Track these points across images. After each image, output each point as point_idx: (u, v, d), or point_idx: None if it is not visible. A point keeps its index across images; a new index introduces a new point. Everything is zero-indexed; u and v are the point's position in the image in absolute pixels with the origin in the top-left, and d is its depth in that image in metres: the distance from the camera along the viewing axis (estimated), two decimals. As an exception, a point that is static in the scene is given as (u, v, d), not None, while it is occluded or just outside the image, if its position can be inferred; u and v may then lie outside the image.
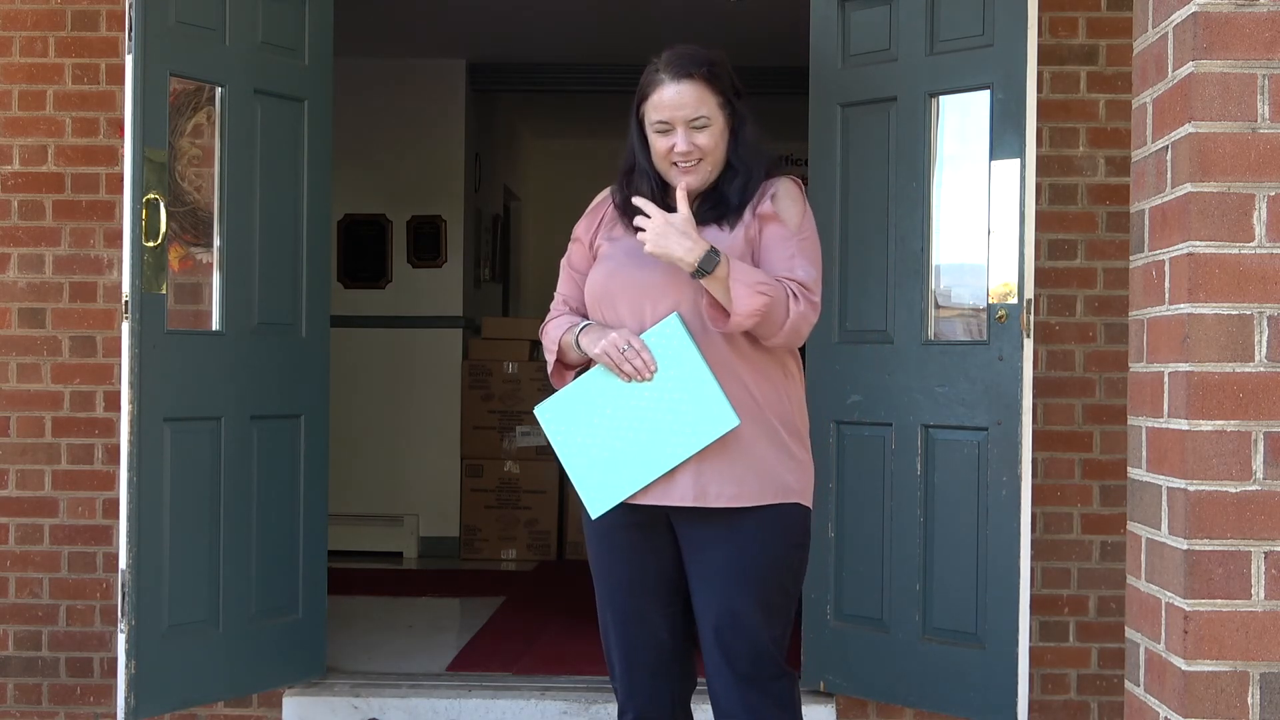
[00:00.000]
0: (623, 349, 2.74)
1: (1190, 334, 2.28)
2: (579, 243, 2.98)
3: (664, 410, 2.74)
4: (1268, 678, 2.26)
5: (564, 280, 3.00)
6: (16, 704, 4.34)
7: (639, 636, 2.89)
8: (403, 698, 4.34)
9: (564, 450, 2.82)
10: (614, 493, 2.78)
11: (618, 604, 2.89)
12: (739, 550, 2.78)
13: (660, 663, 2.90)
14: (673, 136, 2.79)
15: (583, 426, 2.80)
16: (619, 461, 2.76)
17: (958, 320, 4.03)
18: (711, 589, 2.80)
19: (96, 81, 4.33)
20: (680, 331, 2.74)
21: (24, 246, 4.35)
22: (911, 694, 4.02)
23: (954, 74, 3.92)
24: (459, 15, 6.93)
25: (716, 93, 2.79)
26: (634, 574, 2.87)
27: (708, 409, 2.72)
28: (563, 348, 2.88)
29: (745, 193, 2.83)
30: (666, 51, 2.83)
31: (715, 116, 2.79)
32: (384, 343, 7.83)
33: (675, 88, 2.77)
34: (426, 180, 7.89)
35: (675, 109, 2.77)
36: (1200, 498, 2.27)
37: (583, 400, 2.81)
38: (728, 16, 6.46)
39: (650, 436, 2.75)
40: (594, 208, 3.00)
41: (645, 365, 2.73)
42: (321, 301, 4.35)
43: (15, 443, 4.34)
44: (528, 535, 7.59)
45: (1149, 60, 2.51)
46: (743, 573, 2.78)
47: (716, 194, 2.85)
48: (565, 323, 2.90)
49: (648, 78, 2.82)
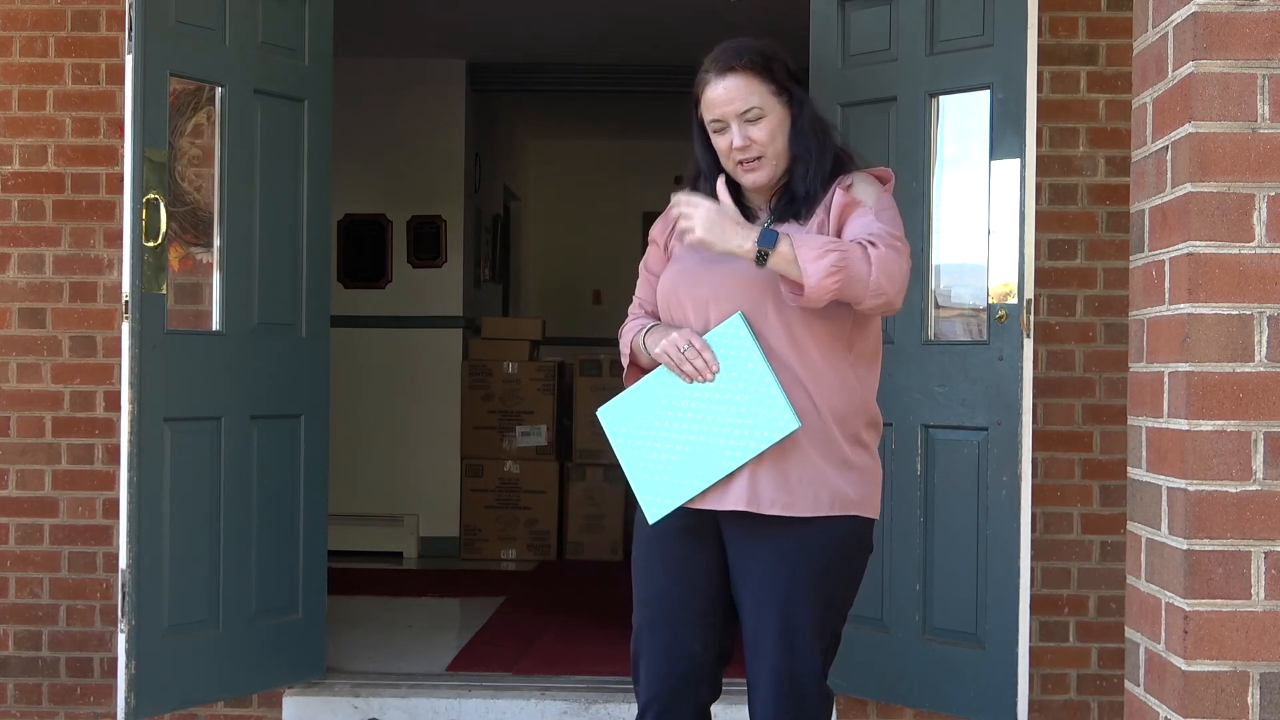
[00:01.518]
0: (683, 349, 2.67)
1: (1190, 334, 2.28)
2: (654, 245, 2.91)
3: (724, 412, 2.67)
4: (1268, 678, 2.26)
5: (641, 283, 2.94)
6: (16, 704, 4.34)
7: (672, 646, 2.81)
8: (403, 698, 4.34)
9: (624, 453, 2.76)
10: (672, 497, 2.71)
11: (655, 610, 2.82)
12: (784, 559, 2.70)
13: (689, 674, 2.82)
14: (729, 134, 2.72)
15: (643, 429, 2.74)
16: (678, 465, 2.70)
17: (958, 320, 4.03)
18: (756, 601, 2.74)
19: (96, 81, 4.33)
20: (743, 331, 2.68)
21: (24, 246, 4.35)
22: (911, 694, 4.02)
23: (954, 74, 3.92)
24: (459, 15, 6.94)
25: (767, 81, 2.71)
26: (677, 583, 2.80)
27: (768, 411, 2.65)
28: (634, 350, 2.82)
29: (810, 180, 2.73)
30: (716, 48, 2.76)
31: (770, 106, 2.71)
32: (384, 343, 7.83)
33: (722, 83, 2.71)
34: (426, 180, 7.90)
35: (725, 104, 2.70)
36: (1200, 498, 2.27)
37: (644, 402, 2.75)
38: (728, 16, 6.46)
39: (710, 439, 2.68)
40: (670, 210, 2.89)
41: (707, 366, 2.67)
42: (321, 301, 4.35)
43: (15, 443, 4.34)
44: (528, 535, 7.59)
45: (1149, 60, 2.51)
46: (791, 585, 2.70)
47: (789, 189, 2.77)
48: (638, 325, 2.85)
49: (698, 78, 2.75)
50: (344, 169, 5.93)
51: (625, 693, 4.30)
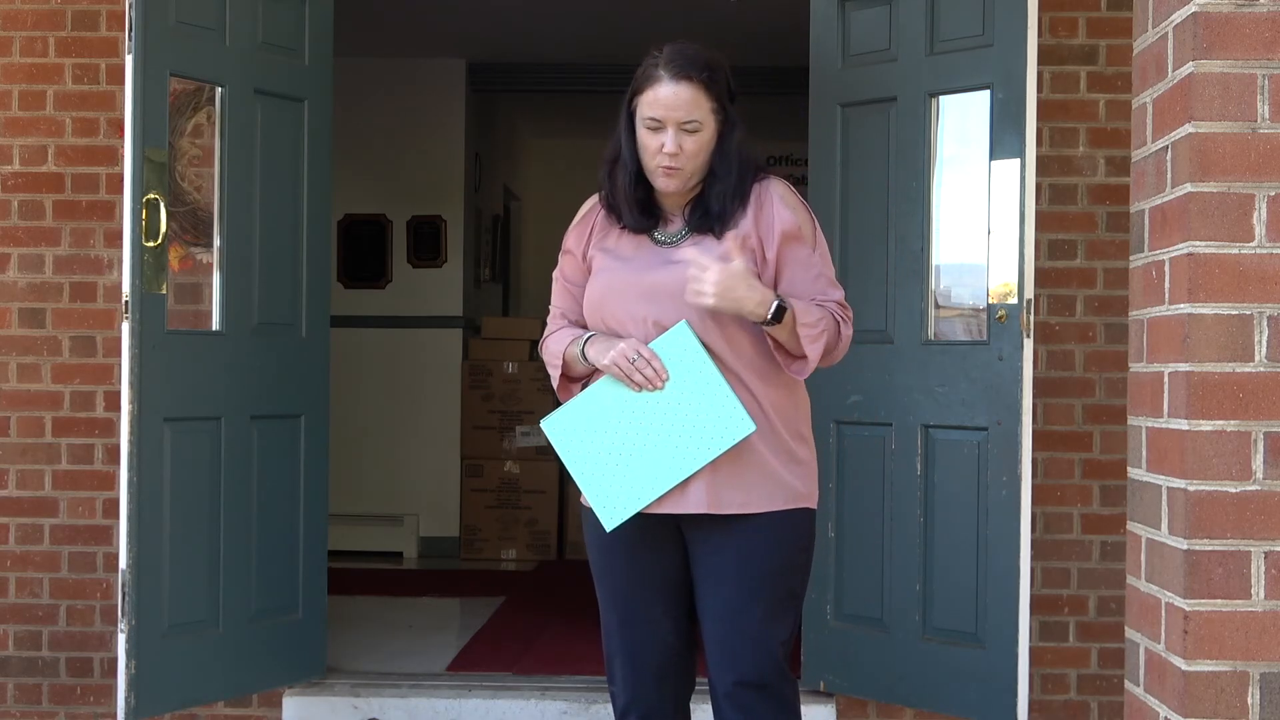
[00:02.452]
0: (633, 359, 2.71)
1: (1190, 334, 2.28)
2: (570, 255, 2.93)
3: (678, 419, 2.72)
4: (1268, 678, 2.26)
5: (559, 293, 2.96)
6: (16, 704, 4.34)
7: (645, 639, 2.87)
8: (403, 698, 4.34)
9: (574, 463, 2.79)
10: (629, 504, 2.75)
11: (623, 606, 2.88)
12: (748, 555, 2.77)
13: (666, 665, 2.89)
14: (662, 135, 2.74)
15: (593, 438, 2.77)
16: (632, 472, 2.74)
17: (958, 320, 4.03)
18: (720, 593, 2.79)
19: (96, 81, 4.33)
20: (691, 339, 2.72)
21: (24, 246, 4.35)
22: (911, 694, 4.02)
23: (954, 74, 3.92)
24: (459, 15, 6.93)
25: (711, 98, 2.75)
26: (640, 577, 2.86)
27: (723, 416, 2.70)
28: (568, 361, 2.85)
29: (725, 200, 2.79)
30: (668, 47, 2.78)
31: (707, 121, 2.76)
32: (384, 343, 7.83)
33: (673, 87, 2.73)
34: (426, 180, 7.89)
35: (669, 109, 2.73)
36: (1200, 498, 2.27)
37: (591, 412, 2.78)
38: (727, 16, 6.46)
39: (664, 446, 2.73)
40: (583, 218, 2.95)
41: (657, 374, 2.71)
42: (321, 301, 4.35)
43: (15, 443, 4.34)
44: (528, 535, 7.59)
45: (1149, 60, 2.51)
46: (752, 578, 2.78)
47: (704, 203, 2.81)
48: (567, 335, 2.88)
49: (646, 71, 2.77)
50: (344, 169, 5.92)
51: (625, 693, 4.30)
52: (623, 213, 2.85)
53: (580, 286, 2.90)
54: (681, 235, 2.83)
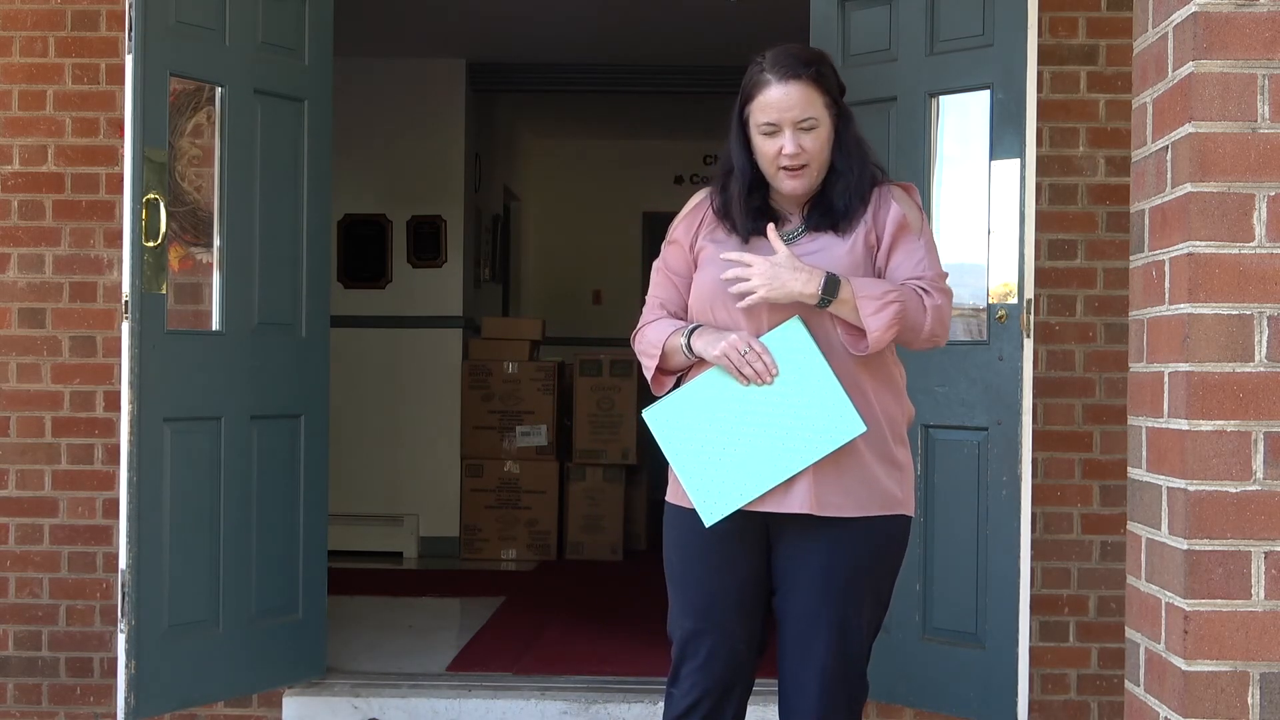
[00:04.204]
0: (744, 351, 2.68)
1: (1190, 334, 2.28)
2: (677, 245, 2.89)
3: (786, 415, 2.67)
4: (1268, 678, 2.26)
5: (660, 284, 2.91)
6: (16, 704, 4.34)
7: (720, 647, 2.82)
8: (403, 698, 4.34)
9: (676, 455, 2.74)
10: (730, 500, 2.70)
11: (702, 614, 2.82)
12: (842, 561, 2.74)
13: (735, 674, 2.85)
14: (780, 138, 2.72)
15: (697, 430, 2.73)
16: (736, 467, 2.69)
17: (958, 320, 4.03)
18: (811, 597, 2.75)
19: (96, 81, 4.33)
20: (803, 334, 2.69)
21: (24, 246, 4.35)
22: (911, 694, 4.02)
23: (954, 74, 3.92)
24: (459, 15, 6.94)
25: (823, 93, 2.73)
26: (724, 587, 2.81)
27: (833, 415, 2.66)
28: (667, 351, 2.80)
29: (849, 196, 2.77)
30: (771, 51, 2.76)
31: (822, 118, 2.73)
32: (384, 343, 7.83)
33: (783, 89, 2.70)
34: (426, 180, 7.89)
35: (783, 110, 2.70)
36: (1200, 498, 2.27)
37: (697, 404, 2.74)
38: (727, 16, 6.46)
39: (770, 442, 2.68)
40: (693, 209, 2.90)
41: (767, 369, 2.68)
42: (321, 301, 4.35)
43: (15, 443, 4.34)
44: (528, 535, 7.59)
45: (1149, 60, 2.51)
46: (846, 583, 2.74)
47: (825, 200, 2.79)
48: (668, 325, 2.83)
49: (753, 78, 2.74)
50: (344, 169, 5.93)
51: (625, 692, 4.30)
52: (738, 223, 2.80)
53: (684, 277, 2.86)
54: (799, 232, 2.80)
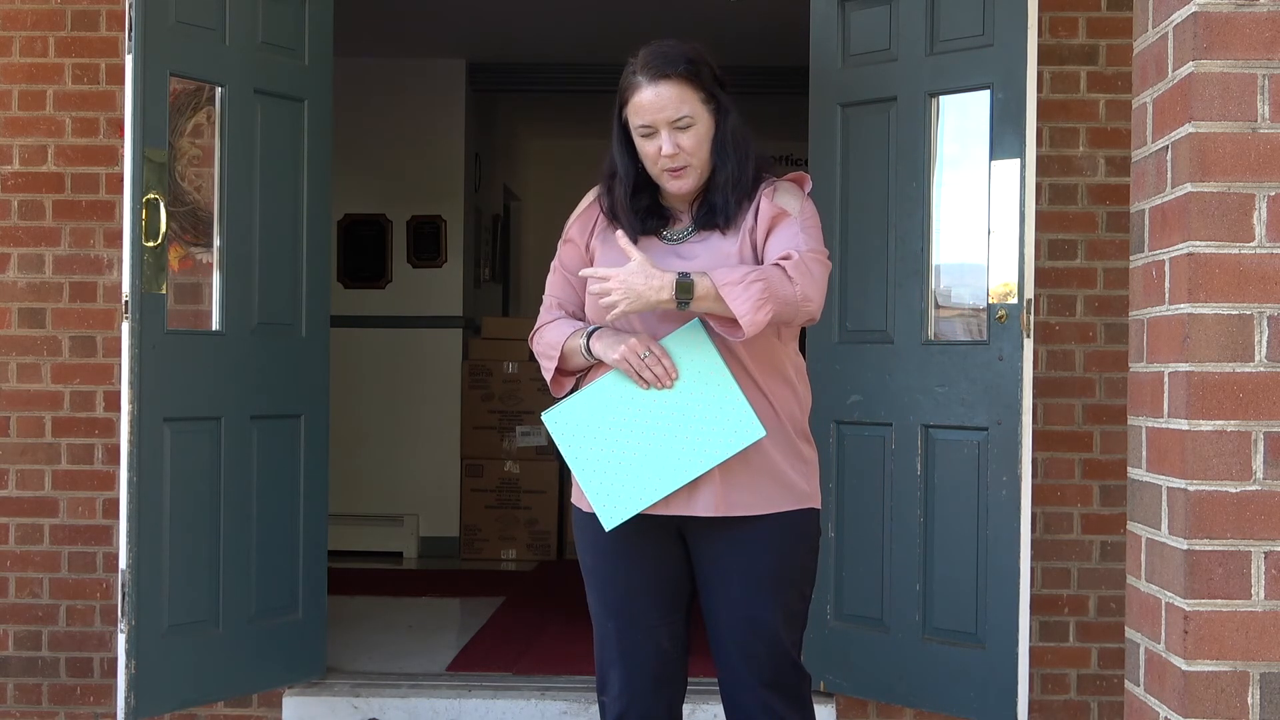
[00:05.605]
0: (643, 355, 2.66)
1: (1190, 334, 2.28)
2: (572, 244, 2.87)
3: (686, 419, 2.67)
4: (1268, 678, 2.26)
5: (556, 283, 2.89)
6: (16, 704, 4.34)
7: (644, 645, 2.82)
8: (403, 698, 4.34)
9: (575, 459, 2.73)
10: (631, 503, 2.69)
11: (619, 614, 2.83)
12: (757, 557, 2.74)
13: (663, 671, 2.84)
14: (658, 139, 2.69)
15: (596, 434, 2.71)
16: (636, 471, 2.68)
17: (958, 320, 4.03)
18: (730, 596, 2.76)
19: (96, 81, 4.33)
20: (703, 337, 2.67)
21: (24, 246, 4.35)
22: (911, 694, 4.02)
23: (954, 74, 3.92)
24: (459, 15, 6.93)
25: (698, 89, 2.70)
26: (638, 581, 2.81)
27: (733, 419, 2.65)
28: (566, 353, 2.78)
29: (729, 192, 2.73)
30: (643, 50, 2.73)
31: (699, 114, 2.70)
32: (384, 343, 7.83)
33: (653, 89, 2.68)
34: (426, 180, 7.90)
35: (656, 111, 2.68)
36: (1200, 498, 2.27)
37: (596, 407, 2.72)
38: (726, 16, 6.46)
39: (670, 446, 2.67)
40: (587, 208, 2.89)
41: (667, 372, 2.66)
42: (321, 301, 4.35)
43: (15, 443, 4.34)
44: (528, 535, 7.59)
45: (1149, 60, 2.51)
46: (763, 579, 2.75)
47: (709, 198, 2.76)
48: (566, 326, 2.80)
49: (625, 80, 2.72)
50: (344, 169, 5.92)
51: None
52: (624, 225, 2.77)
53: (580, 277, 2.83)
54: (688, 232, 2.78)
